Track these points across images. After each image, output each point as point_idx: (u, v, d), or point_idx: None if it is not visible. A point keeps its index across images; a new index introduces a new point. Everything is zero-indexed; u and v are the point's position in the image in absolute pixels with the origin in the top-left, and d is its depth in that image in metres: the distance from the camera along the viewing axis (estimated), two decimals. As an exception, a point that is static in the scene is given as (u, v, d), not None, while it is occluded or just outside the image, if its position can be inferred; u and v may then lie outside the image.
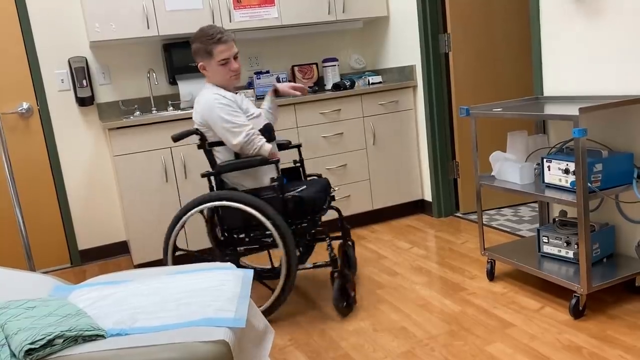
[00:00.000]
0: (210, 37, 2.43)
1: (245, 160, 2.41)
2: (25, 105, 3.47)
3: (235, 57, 2.49)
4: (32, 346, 1.28)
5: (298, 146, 2.81)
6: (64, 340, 1.32)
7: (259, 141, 2.42)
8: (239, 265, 2.71)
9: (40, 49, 3.45)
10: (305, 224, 2.47)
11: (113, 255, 3.74)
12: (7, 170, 2.70)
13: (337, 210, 2.79)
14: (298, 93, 2.71)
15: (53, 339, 1.31)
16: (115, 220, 3.72)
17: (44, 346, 1.29)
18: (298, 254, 2.54)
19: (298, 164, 2.81)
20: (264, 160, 2.40)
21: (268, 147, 2.43)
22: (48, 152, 3.53)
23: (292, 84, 2.73)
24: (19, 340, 1.30)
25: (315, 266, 2.56)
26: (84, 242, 3.67)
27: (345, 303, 2.44)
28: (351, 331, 2.32)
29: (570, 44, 2.55)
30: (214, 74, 2.48)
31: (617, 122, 2.39)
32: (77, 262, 3.65)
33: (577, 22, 2.49)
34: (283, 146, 2.80)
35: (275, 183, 2.38)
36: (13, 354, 1.31)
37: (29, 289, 1.75)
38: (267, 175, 2.51)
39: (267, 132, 2.53)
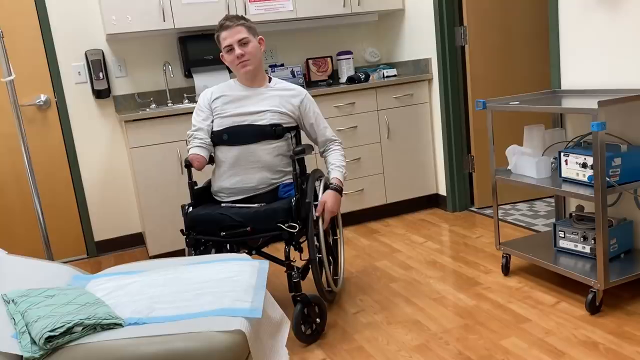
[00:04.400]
0: (218, 25, 2.39)
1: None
2: (43, 98, 3.51)
3: (244, 43, 2.35)
4: (52, 334, 1.30)
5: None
6: (82, 328, 1.34)
7: (189, 144, 2.41)
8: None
9: (58, 42, 3.48)
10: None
11: (129, 246, 3.77)
12: (26, 161, 2.73)
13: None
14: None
15: (72, 327, 1.33)
16: (131, 211, 3.76)
17: (63, 334, 1.31)
18: None
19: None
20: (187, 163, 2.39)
21: (190, 152, 2.39)
22: (65, 144, 3.57)
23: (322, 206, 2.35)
24: (39, 328, 1.32)
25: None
26: (100, 233, 3.71)
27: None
28: (365, 324, 2.32)
29: (589, 37, 2.51)
30: (227, 62, 2.43)
31: (637, 116, 2.35)
32: (93, 253, 3.69)
33: (596, 14, 2.46)
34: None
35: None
36: (33, 341, 1.33)
37: (48, 278, 1.77)
38: (219, 181, 2.45)
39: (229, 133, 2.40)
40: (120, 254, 3.70)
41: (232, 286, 1.52)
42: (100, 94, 3.53)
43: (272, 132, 2.38)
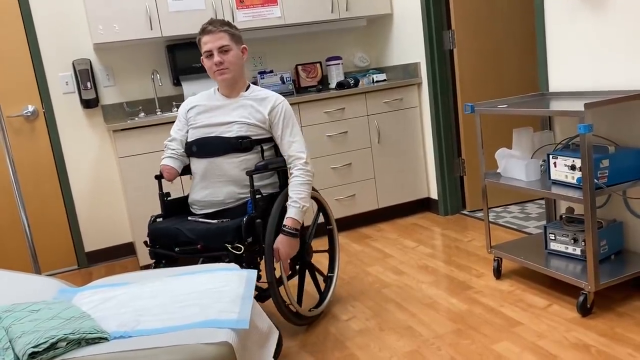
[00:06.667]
0: (201, 28, 2.28)
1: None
2: (30, 108, 3.48)
3: (224, 51, 2.24)
4: (36, 349, 1.28)
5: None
6: (67, 344, 1.32)
7: (163, 154, 2.39)
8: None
9: (45, 52, 3.46)
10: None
11: (119, 256, 3.74)
12: (11, 173, 2.71)
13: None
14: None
15: (56, 342, 1.31)
16: (121, 221, 3.73)
17: (47, 349, 1.29)
18: None
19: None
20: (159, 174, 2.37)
21: (162, 163, 2.36)
22: (54, 154, 3.55)
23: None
24: (23, 344, 1.30)
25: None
26: (91, 243, 3.68)
27: None
28: (357, 331, 2.31)
29: (576, 39, 2.52)
30: (205, 67, 2.31)
31: (624, 118, 2.36)
32: (83, 264, 3.66)
33: (583, 16, 2.47)
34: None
35: None
36: (17, 357, 1.31)
37: (33, 292, 1.75)
38: (192, 193, 2.39)
39: (197, 145, 2.33)
40: (112, 264, 3.67)
41: (219, 297, 1.51)
42: (89, 104, 3.51)
43: (238, 145, 2.24)
